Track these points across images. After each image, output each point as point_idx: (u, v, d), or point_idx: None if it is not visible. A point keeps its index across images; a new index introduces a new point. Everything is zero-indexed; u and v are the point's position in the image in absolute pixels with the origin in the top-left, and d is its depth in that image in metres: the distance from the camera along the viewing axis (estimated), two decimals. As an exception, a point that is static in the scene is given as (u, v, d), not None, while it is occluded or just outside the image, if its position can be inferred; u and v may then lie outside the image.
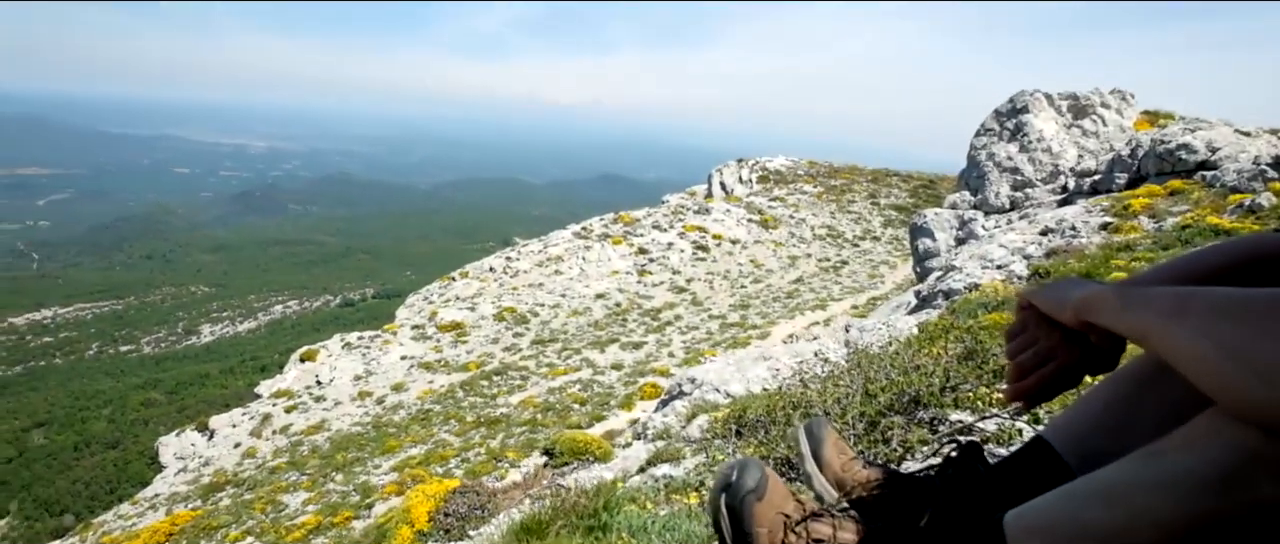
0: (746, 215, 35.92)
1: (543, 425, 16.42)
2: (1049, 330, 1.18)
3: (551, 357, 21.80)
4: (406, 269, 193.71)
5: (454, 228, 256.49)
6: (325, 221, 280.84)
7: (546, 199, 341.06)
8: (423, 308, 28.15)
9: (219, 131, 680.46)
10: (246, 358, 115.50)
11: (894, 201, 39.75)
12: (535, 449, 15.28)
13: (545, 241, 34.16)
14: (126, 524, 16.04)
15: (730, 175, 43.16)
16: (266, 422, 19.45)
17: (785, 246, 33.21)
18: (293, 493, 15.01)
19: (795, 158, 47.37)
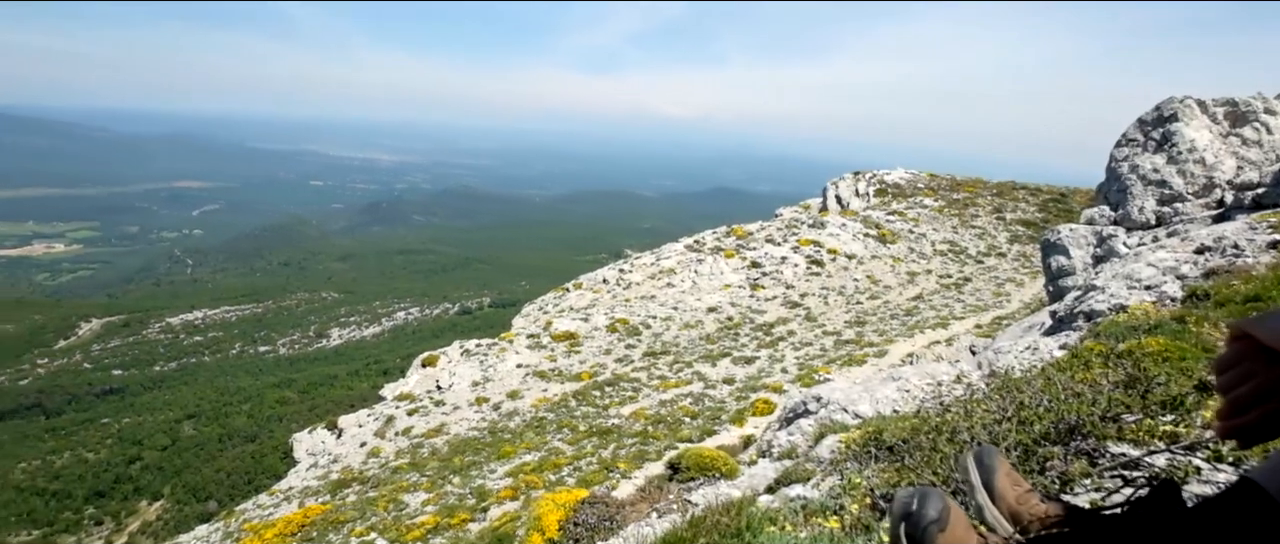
0: (863, 229, 34.99)
1: (653, 438, 16.42)
2: (1269, 363, 1.05)
3: (663, 369, 21.82)
4: (521, 279, 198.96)
5: (567, 239, 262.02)
6: (446, 232, 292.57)
7: (658, 211, 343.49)
8: (538, 317, 28.77)
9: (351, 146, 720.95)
10: (371, 361, 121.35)
11: (1021, 216, 37.83)
12: (646, 461, 15.31)
13: (657, 254, 34.31)
14: (264, 514, 17.03)
15: (846, 188, 42.22)
16: (390, 423, 20.30)
17: (904, 262, 32.13)
18: (413, 493, 15.55)
19: (915, 170, 45.86)
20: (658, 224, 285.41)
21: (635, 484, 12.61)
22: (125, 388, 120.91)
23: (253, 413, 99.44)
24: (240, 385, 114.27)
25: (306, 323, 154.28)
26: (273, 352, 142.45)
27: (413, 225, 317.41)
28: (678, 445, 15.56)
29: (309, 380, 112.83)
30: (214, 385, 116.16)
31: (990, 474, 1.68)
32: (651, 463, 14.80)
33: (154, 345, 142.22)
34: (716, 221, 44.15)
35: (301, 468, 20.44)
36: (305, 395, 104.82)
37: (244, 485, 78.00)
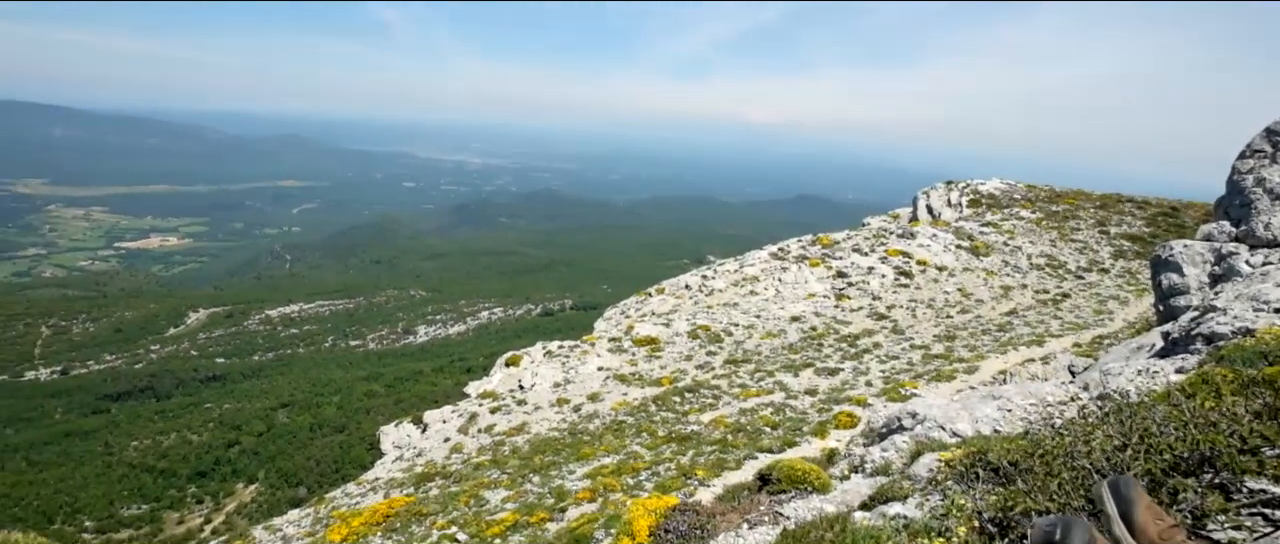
0: (955, 241, 33.89)
1: (733, 446, 16.24)
2: None
3: (744, 377, 21.59)
4: (603, 282, 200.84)
5: (649, 244, 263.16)
6: (530, 234, 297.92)
7: (741, 218, 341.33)
8: (620, 321, 28.91)
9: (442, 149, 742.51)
10: (455, 358, 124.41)
11: (1128, 230, 35.96)
12: (725, 469, 15.15)
13: (741, 261, 34.03)
14: (351, 502, 17.59)
15: (937, 198, 41.00)
16: (473, 420, 20.71)
17: (998, 276, 30.96)
18: (494, 490, 15.79)
19: (1011, 180, 44.18)
20: (741, 230, 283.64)
21: (714, 492, 12.48)
22: (227, 375, 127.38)
23: (342, 404, 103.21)
24: (331, 377, 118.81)
25: (395, 319, 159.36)
26: (363, 346, 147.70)
27: (499, 227, 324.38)
28: (758, 455, 15.36)
29: (396, 375, 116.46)
30: (307, 376, 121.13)
31: (1129, 506, 1.58)
32: (731, 472, 14.64)
33: (254, 336, 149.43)
34: (800, 229, 43.53)
35: (387, 460, 21.05)
36: (392, 389, 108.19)
37: (332, 473, 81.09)
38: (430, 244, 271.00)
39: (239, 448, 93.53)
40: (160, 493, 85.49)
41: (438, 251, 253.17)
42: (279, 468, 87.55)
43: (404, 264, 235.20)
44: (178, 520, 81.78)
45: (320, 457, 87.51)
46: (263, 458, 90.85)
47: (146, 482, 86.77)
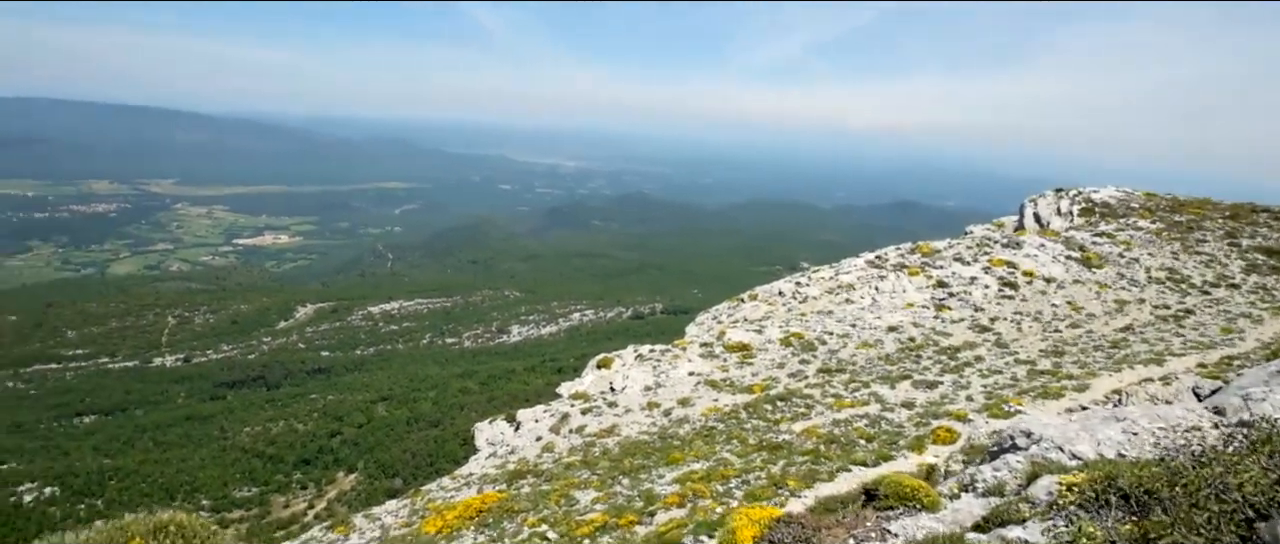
0: (1064, 251, 32.28)
1: (826, 458, 15.89)
2: None
3: (837, 387, 21.12)
4: (693, 286, 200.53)
5: (741, 249, 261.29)
6: (622, 237, 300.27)
7: (836, 224, 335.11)
8: (711, 326, 28.75)
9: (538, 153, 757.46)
10: (546, 358, 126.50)
11: (1262, 243, 33.41)
12: (817, 480, 14.82)
13: (836, 268, 33.33)
14: (446, 495, 18.06)
15: (1046, 207, 39.15)
16: (564, 420, 20.97)
17: (1112, 289, 29.30)
18: (583, 490, 15.92)
19: (1128, 188, 41.76)
20: (835, 237, 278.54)
21: (805, 503, 12.22)
22: (331, 368, 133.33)
23: (438, 400, 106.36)
24: (428, 373, 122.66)
25: (490, 318, 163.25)
26: (458, 344, 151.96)
27: (591, 230, 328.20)
28: (851, 468, 14.98)
29: (489, 373, 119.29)
30: (405, 371, 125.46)
31: None
32: (824, 483, 14.32)
33: (356, 331, 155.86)
34: (897, 236, 42.34)
35: (481, 456, 21.54)
36: (485, 387, 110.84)
37: (426, 466, 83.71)
38: (524, 245, 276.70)
39: (341, 438, 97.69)
40: (268, 477, 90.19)
41: (531, 253, 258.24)
42: (377, 459, 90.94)
43: (499, 265, 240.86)
44: (283, 504, 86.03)
45: (416, 449, 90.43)
46: (362, 448, 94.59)
47: (256, 466, 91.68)
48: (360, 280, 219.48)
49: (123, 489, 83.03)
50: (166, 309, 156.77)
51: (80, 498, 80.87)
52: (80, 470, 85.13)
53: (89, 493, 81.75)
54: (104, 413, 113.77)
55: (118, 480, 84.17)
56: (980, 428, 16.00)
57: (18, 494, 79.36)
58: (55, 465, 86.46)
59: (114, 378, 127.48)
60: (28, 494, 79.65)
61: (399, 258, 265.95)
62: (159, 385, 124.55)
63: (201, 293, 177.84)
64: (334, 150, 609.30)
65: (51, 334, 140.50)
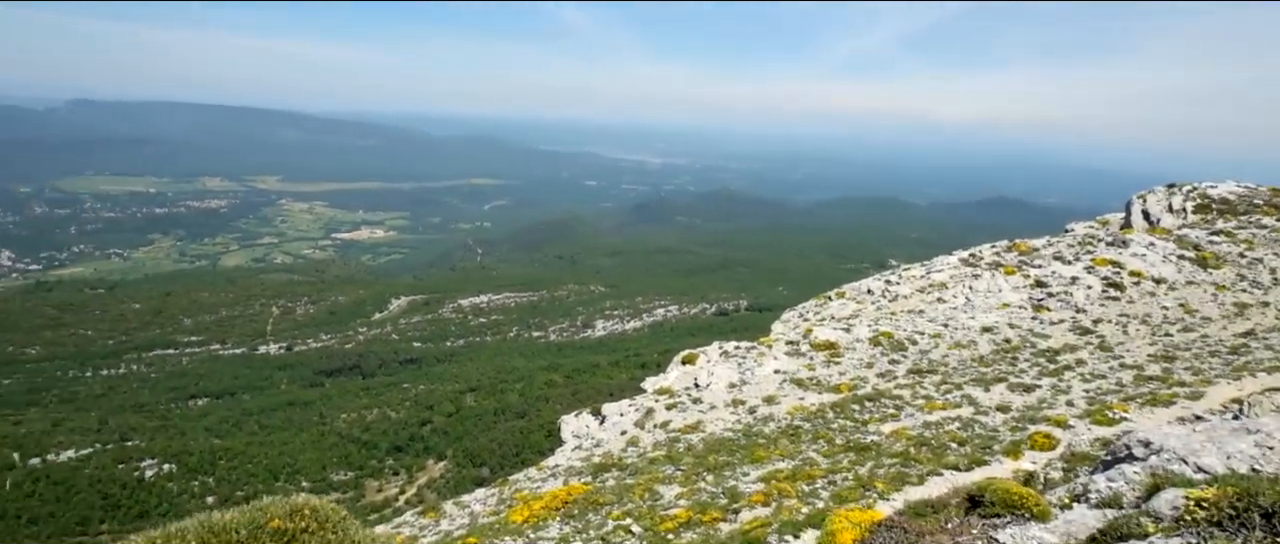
0: (1176, 250, 30.42)
1: (915, 460, 15.43)
2: None
3: (928, 389, 20.48)
4: (779, 284, 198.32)
5: (828, 246, 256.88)
6: (707, 233, 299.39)
7: (926, 221, 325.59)
8: (798, 324, 28.32)
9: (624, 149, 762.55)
10: (630, 353, 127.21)
11: (1405, 244, 30.73)
12: (907, 484, 14.40)
13: (928, 267, 32.33)
14: (533, 486, 18.36)
15: (1156, 203, 36.98)
16: (649, 415, 21.02)
17: (1231, 291, 27.45)
18: (668, 485, 15.91)
19: (1250, 183, 39.03)
20: (925, 234, 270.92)
21: (894, 507, 11.89)
22: (422, 358, 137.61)
23: (524, 392, 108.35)
24: (515, 365, 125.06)
25: (575, 313, 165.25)
26: (544, 337, 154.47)
27: (676, 226, 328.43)
28: (942, 472, 14.51)
29: (574, 366, 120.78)
30: (493, 363, 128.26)
31: None
32: (913, 487, 13.91)
33: (447, 323, 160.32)
34: (991, 234, 40.82)
35: (567, 448, 21.80)
36: (570, 380, 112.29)
37: (512, 457, 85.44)
38: (610, 241, 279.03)
39: (431, 426, 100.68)
40: (363, 462, 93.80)
41: (617, 249, 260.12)
42: (465, 448, 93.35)
43: (585, 260, 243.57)
44: (377, 489, 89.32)
45: (502, 440, 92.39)
46: (451, 437, 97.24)
47: (352, 451, 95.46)
48: (451, 274, 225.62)
49: (231, 469, 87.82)
50: (271, 300, 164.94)
51: (194, 475, 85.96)
52: (194, 449, 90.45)
53: (202, 471, 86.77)
54: (215, 396, 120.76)
55: (227, 460, 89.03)
56: (1082, 435, 15.24)
57: (140, 470, 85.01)
58: (172, 444, 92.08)
59: (224, 364, 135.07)
60: (149, 470, 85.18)
61: (488, 252, 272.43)
62: (264, 372, 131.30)
63: (303, 284, 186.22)
64: (427, 147, 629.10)
65: (170, 322, 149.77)
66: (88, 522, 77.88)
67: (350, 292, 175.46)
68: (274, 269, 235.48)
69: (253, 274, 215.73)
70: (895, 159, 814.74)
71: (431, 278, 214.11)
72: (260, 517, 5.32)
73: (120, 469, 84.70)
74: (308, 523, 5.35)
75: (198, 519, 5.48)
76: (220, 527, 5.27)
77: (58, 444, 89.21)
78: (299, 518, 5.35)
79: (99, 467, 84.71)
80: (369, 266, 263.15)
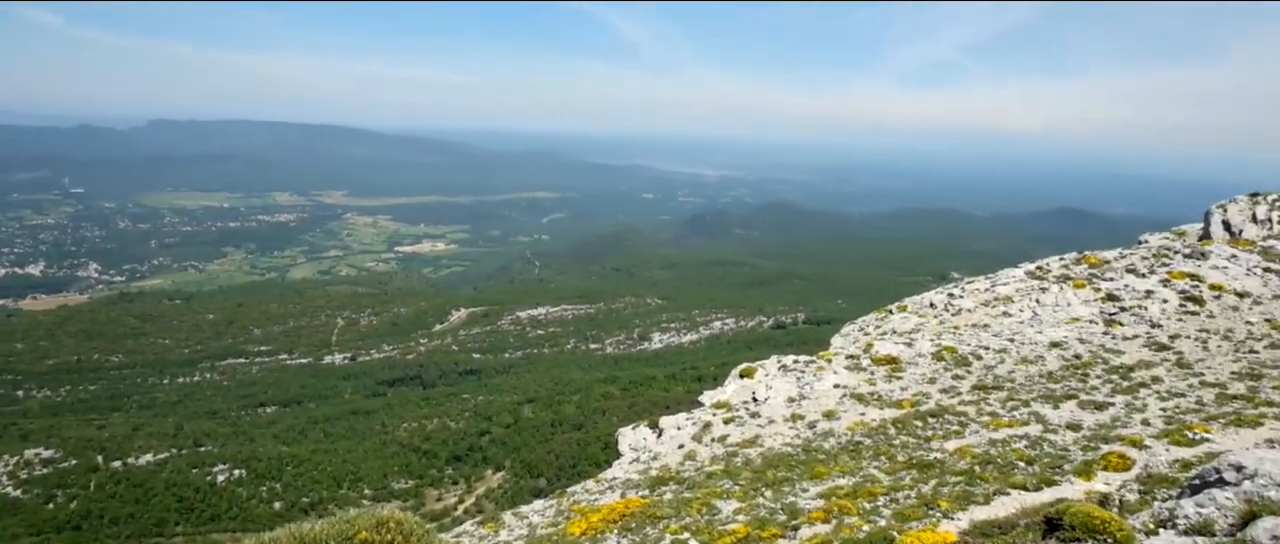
0: (1262, 262, 29.08)
1: (981, 479, 15.04)
2: None
3: (994, 405, 19.96)
4: (837, 296, 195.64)
5: (888, 258, 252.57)
6: (764, 246, 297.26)
7: (990, 233, 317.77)
8: (858, 338, 27.92)
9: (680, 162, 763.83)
10: (687, 366, 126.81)
11: None
12: (972, 503, 14.03)
13: (992, 280, 31.55)
14: (590, 498, 18.45)
15: (1238, 213, 35.42)
16: (707, 429, 20.95)
17: (1321, 307, 26.12)
18: (725, 500, 15.83)
19: (1340, 194, 37.12)
20: (989, 246, 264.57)
21: (959, 525, 11.64)
22: (481, 370, 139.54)
23: (581, 404, 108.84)
24: (571, 377, 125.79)
25: (631, 325, 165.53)
26: (601, 349, 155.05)
27: (733, 238, 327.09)
28: (1009, 491, 14.12)
29: (630, 379, 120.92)
30: (550, 375, 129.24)
31: None
32: (979, 506, 13.56)
33: (505, 335, 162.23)
34: (1058, 246, 39.67)
35: (624, 461, 21.85)
36: (626, 393, 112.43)
37: (569, 468, 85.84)
38: (666, 254, 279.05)
39: (489, 437, 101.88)
40: (423, 471, 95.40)
41: (673, 261, 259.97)
42: (523, 459, 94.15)
43: (641, 272, 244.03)
44: (436, 497, 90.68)
45: (559, 451, 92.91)
46: (509, 448, 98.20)
47: (413, 460, 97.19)
48: (510, 286, 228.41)
49: (297, 475, 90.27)
50: (336, 311, 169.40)
51: (262, 481, 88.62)
52: (262, 456, 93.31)
53: (269, 476, 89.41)
54: (283, 404, 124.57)
55: (293, 467, 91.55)
56: (1159, 455, 14.67)
57: (213, 474, 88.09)
58: (242, 450, 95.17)
59: (291, 373, 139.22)
60: (221, 475, 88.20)
61: (546, 265, 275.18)
62: (329, 381, 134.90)
63: (367, 296, 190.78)
64: (487, 162, 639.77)
65: (241, 332, 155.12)
66: (164, 523, 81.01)
67: (412, 303, 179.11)
68: (339, 281, 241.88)
69: (319, 286, 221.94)
70: (957, 169, 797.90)
71: (491, 290, 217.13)
72: (347, 528, 5.53)
73: (194, 473, 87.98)
74: (392, 536, 5.56)
75: (289, 529, 5.74)
76: (310, 537, 5.50)
77: (137, 448, 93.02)
78: (385, 530, 5.56)
79: (175, 471, 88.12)
80: (430, 279, 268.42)
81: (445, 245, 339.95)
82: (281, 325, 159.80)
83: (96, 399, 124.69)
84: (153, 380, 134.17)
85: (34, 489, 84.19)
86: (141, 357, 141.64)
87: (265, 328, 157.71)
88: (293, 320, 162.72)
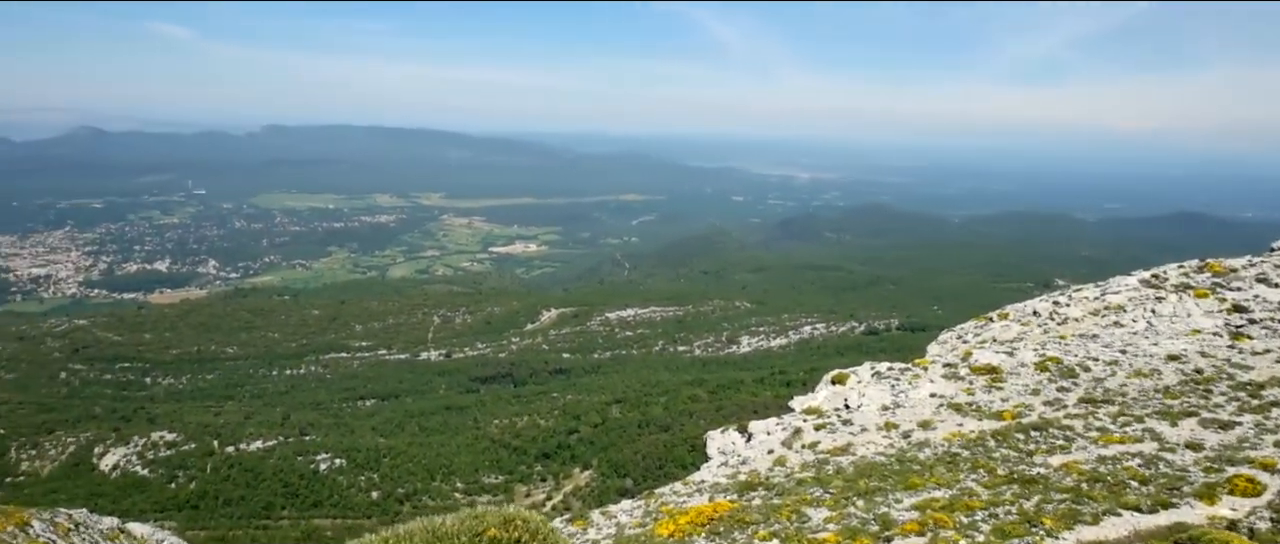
0: None
1: (1089, 497, 14.29)
2: None
3: (1103, 420, 18.94)
4: (933, 303, 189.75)
5: (987, 264, 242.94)
6: (856, 250, 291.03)
7: (1099, 238, 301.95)
8: (955, 346, 26.98)
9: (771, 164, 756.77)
10: (775, 371, 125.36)
11: None
12: (1079, 522, 13.35)
13: (1103, 288, 29.94)
14: (678, 500, 18.43)
15: (1384, 220, 32.62)
16: (797, 435, 20.62)
17: None
18: (815, 508, 15.56)
19: None
20: (1098, 252, 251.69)
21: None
22: (571, 369, 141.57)
23: (668, 406, 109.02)
24: (659, 379, 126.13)
25: (720, 328, 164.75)
26: (689, 351, 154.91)
27: (824, 242, 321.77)
28: (1120, 512, 13.36)
29: (718, 382, 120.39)
30: (638, 376, 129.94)
31: None
32: (1086, 526, 12.88)
33: (594, 335, 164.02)
34: (1175, 253, 37.37)
35: (712, 464, 21.74)
36: (714, 396, 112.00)
37: (655, 470, 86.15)
38: (755, 256, 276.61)
39: (578, 436, 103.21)
40: (513, 467, 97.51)
41: (762, 264, 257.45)
42: (610, 458, 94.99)
43: (730, 275, 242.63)
44: (525, 494, 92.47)
45: (646, 452, 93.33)
46: (597, 447, 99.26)
47: (503, 456, 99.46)
48: (599, 287, 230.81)
49: (393, 466, 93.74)
50: (432, 309, 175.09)
51: (361, 471, 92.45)
52: (361, 447, 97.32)
53: (367, 467, 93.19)
54: (381, 398, 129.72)
55: (390, 458, 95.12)
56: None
57: (315, 463, 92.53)
58: (343, 441, 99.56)
59: (390, 368, 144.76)
60: (323, 464, 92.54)
61: (635, 267, 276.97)
62: (425, 377, 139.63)
63: (461, 295, 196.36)
64: (579, 165, 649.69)
65: (344, 328, 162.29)
66: (271, 507, 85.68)
67: (504, 303, 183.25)
68: (435, 280, 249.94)
69: (417, 285, 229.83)
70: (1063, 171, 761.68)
71: (580, 291, 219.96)
72: (477, 524, 5.73)
73: (299, 461, 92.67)
74: (520, 533, 5.73)
75: (421, 523, 5.99)
76: (443, 531, 5.73)
77: (248, 435, 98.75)
78: (512, 528, 5.74)
79: (281, 458, 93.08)
80: (522, 279, 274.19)
81: (537, 246, 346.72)
82: (381, 322, 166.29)
83: (213, 387, 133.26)
84: (262, 371, 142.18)
85: (159, 469, 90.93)
86: (253, 349, 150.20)
87: (366, 324, 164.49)
88: (391, 317, 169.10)
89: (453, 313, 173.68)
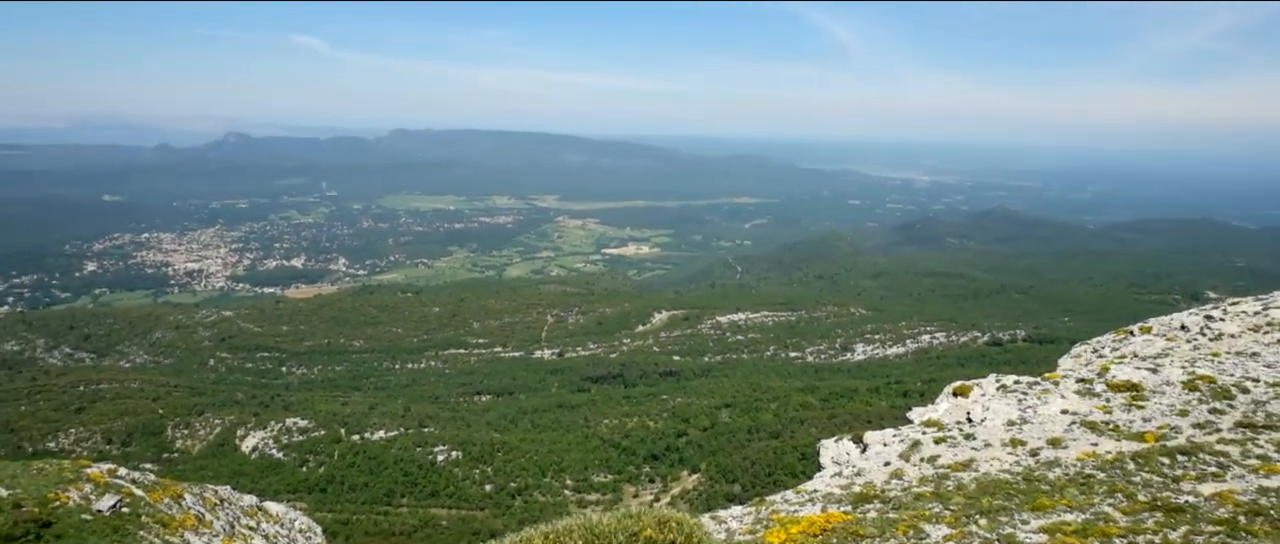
0: None
1: (1248, 532, 12.98)
2: None
3: (1265, 447, 17.24)
4: (1063, 314, 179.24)
5: (1124, 274, 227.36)
6: (980, 257, 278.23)
7: (1257, 247, 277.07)
8: (1090, 360, 25.28)
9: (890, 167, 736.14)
10: (892, 380, 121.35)
11: None
12: (1234, 558, 12.21)
13: (1264, 302, 27.35)
14: (790, 509, 18.01)
15: None
16: (915, 448, 19.79)
17: None
18: (934, 524, 14.85)
19: None
20: (1257, 262, 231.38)
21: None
22: (680, 372, 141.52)
23: (778, 412, 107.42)
24: (770, 385, 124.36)
25: (833, 335, 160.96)
26: (801, 358, 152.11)
27: (945, 247, 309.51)
28: (1284, 549, 12.12)
29: (830, 390, 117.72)
30: (748, 381, 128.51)
31: None
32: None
33: (705, 339, 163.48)
34: (1356, 265, 33.68)
35: (825, 474, 21.15)
36: (826, 403, 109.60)
37: (764, 476, 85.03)
38: (872, 262, 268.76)
39: (686, 439, 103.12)
40: (622, 467, 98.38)
41: (879, 270, 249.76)
42: (718, 463, 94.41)
43: (845, 281, 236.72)
44: (633, 494, 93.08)
45: (755, 458, 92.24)
46: (705, 451, 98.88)
47: (612, 456, 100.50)
48: (710, 291, 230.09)
49: (506, 460, 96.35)
50: (547, 309, 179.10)
51: (476, 463, 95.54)
52: (476, 440, 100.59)
53: (482, 460, 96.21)
54: (496, 394, 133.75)
55: (504, 453, 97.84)
56: None
57: (433, 454, 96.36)
58: (459, 434, 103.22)
59: (505, 365, 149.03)
60: (440, 455, 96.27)
61: (747, 270, 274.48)
62: (538, 374, 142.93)
63: (575, 296, 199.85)
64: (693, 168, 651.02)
65: (462, 325, 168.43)
66: (392, 494, 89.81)
67: (616, 304, 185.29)
68: (550, 281, 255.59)
69: (532, 285, 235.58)
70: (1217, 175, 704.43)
71: (692, 294, 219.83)
72: (633, 524, 5.84)
73: (418, 451, 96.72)
74: (674, 535, 5.81)
75: (580, 521, 6.17)
76: (600, 529, 5.87)
77: (372, 425, 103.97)
78: (667, 529, 5.82)
79: (402, 448, 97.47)
80: (634, 281, 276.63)
81: (649, 248, 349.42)
82: (497, 320, 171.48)
83: (341, 378, 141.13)
84: (386, 364, 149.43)
85: (292, 453, 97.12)
86: (378, 343, 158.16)
87: (483, 321, 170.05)
88: (507, 316, 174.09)
89: (566, 313, 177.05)
